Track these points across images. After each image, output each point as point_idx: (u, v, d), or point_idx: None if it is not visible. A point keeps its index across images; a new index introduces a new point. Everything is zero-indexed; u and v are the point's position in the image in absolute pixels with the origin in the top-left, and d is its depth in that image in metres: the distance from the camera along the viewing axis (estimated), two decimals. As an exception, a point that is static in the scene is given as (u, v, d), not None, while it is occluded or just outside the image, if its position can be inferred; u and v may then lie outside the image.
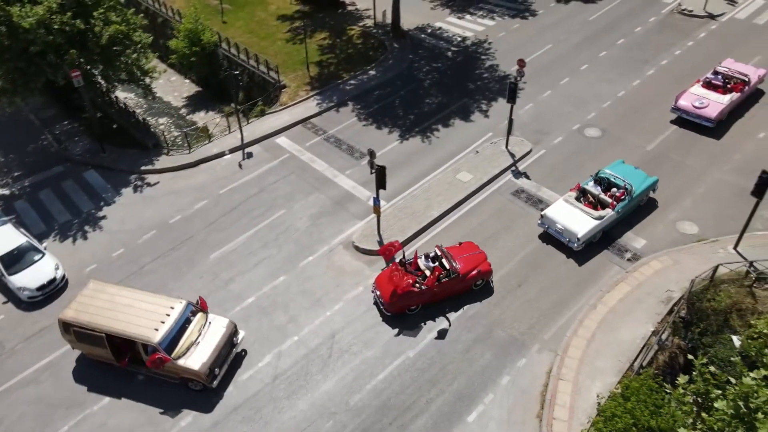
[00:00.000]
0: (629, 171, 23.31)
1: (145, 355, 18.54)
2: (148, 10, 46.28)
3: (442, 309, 20.78)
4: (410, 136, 29.59)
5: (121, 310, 19.06)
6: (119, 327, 18.64)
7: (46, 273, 22.75)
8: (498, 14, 39.54)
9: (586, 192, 22.81)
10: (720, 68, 28.42)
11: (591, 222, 21.58)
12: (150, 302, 19.43)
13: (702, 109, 26.78)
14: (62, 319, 19.25)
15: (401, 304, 20.15)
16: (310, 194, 26.67)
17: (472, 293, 21.12)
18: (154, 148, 30.88)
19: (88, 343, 19.25)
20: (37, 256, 23.23)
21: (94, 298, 19.62)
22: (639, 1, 38.70)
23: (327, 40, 38.78)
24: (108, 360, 19.45)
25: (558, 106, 30.24)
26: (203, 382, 18.51)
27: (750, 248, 21.05)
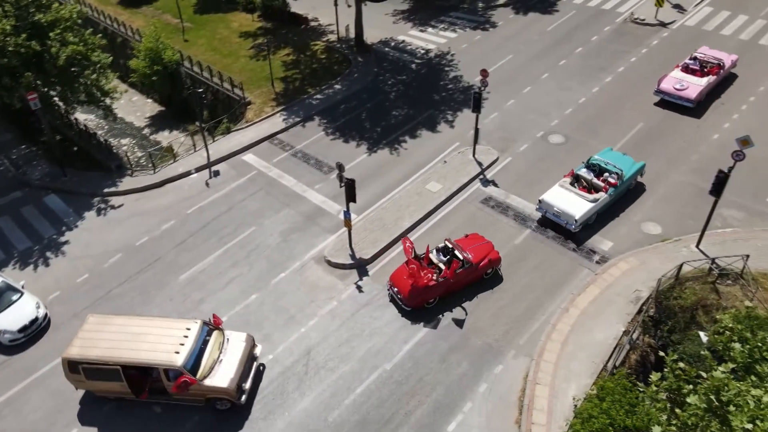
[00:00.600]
0: (617, 157, 24.64)
1: (167, 382, 17.80)
2: (106, 30, 45.58)
3: (420, 317, 20.81)
4: (378, 148, 29.70)
5: (134, 339, 18.14)
6: (136, 356, 17.72)
7: (27, 313, 21.35)
8: (459, 27, 40.22)
9: (580, 177, 24.01)
10: (697, 54, 30.56)
11: (586, 205, 22.71)
12: (163, 327, 18.69)
13: (683, 91, 28.85)
14: (67, 358, 17.96)
15: (421, 298, 20.55)
16: (280, 210, 26.45)
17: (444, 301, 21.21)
18: (117, 170, 30.23)
19: (100, 379, 18.05)
20: (15, 296, 21.84)
21: (98, 332, 18.57)
22: (594, 12, 39.93)
23: (291, 55, 38.77)
24: (124, 394, 18.47)
25: (522, 114, 30.82)
26: (232, 400, 18.02)
27: (711, 245, 21.72)
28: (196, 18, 45.53)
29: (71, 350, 18.14)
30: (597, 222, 23.69)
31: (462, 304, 21.20)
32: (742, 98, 29.97)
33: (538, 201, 23.69)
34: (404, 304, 20.89)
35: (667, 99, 29.54)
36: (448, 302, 21.22)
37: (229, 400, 18.05)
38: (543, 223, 23.98)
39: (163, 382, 17.94)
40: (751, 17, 36.77)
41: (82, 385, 18.70)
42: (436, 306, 21.08)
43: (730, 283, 19.56)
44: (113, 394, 18.67)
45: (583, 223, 22.83)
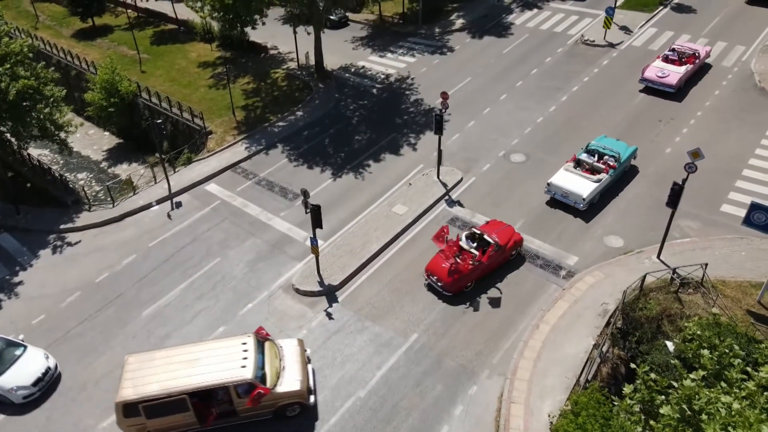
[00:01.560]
0: (612, 142, 26.94)
1: (238, 399, 17.40)
2: (60, 63, 44.61)
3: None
4: (343, 173, 29.67)
5: (191, 366, 17.52)
6: (202, 380, 17.12)
7: (37, 364, 20.01)
8: (418, 51, 40.93)
9: (581, 162, 26.08)
10: (674, 46, 34.35)
11: (592, 185, 24.88)
12: (217, 348, 18.26)
13: (664, 78, 32.35)
14: (123, 401, 16.88)
15: (461, 283, 21.63)
16: (246, 240, 26.01)
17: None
18: (74, 205, 29.26)
19: (163, 414, 17.16)
20: (18, 350, 20.42)
21: (146, 369, 17.65)
22: (546, 35, 41.27)
23: (251, 84, 38.66)
24: (187, 427, 17.69)
25: (483, 134, 31.38)
26: (303, 401, 18.08)
27: (671, 256, 22.33)
28: (153, 49, 45.04)
29: (125, 392, 17.07)
30: (562, 238, 24.13)
31: (495, 285, 22.44)
32: (690, 113, 31.27)
33: (547, 184, 25.69)
34: (445, 290, 21.81)
35: (651, 86, 32.96)
36: (483, 285, 22.38)
37: (300, 403, 18.04)
38: (552, 204, 25.81)
39: (232, 402, 17.52)
40: (693, 37, 38.62)
41: (140, 428, 17.47)
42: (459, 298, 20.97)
43: (691, 292, 20.07)
44: (177, 429, 17.74)
45: (590, 202, 24.86)
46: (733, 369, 11.57)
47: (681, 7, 42.90)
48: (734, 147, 28.33)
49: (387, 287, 22.90)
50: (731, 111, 31.15)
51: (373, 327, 21.38)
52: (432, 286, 22.38)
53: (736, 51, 36.49)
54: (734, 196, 25.35)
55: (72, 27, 50.71)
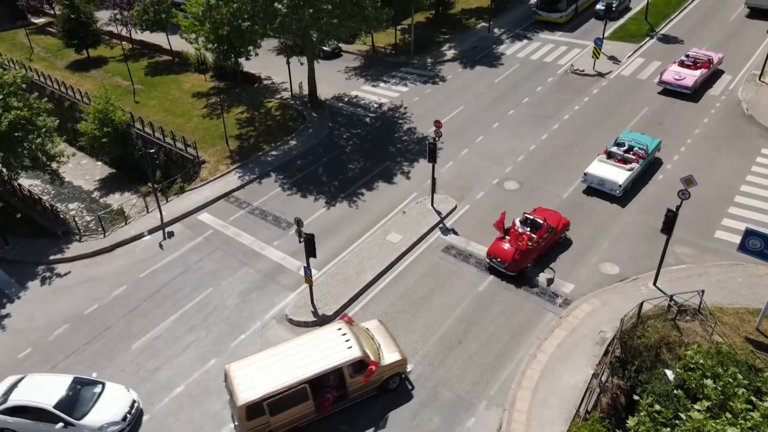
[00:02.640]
0: (637, 136, 29.43)
1: (351, 380, 18.31)
2: (53, 94, 44.74)
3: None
4: (336, 201, 29.58)
5: (298, 359, 18.15)
6: (317, 368, 17.87)
7: (122, 399, 19.38)
8: (410, 81, 41.38)
9: (612, 153, 28.38)
10: (689, 53, 37.22)
11: (625, 173, 27.12)
12: (316, 338, 19.05)
13: (681, 81, 35.18)
14: (247, 403, 17.12)
15: (523, 263, 23.21)
16: (238, 269, 25.69)
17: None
18: (64, 236, 28.91)
19: (286, 408, 17.67)
20: (97, 388, 19.60)
21: (253, 372, 17.95)
22: (536, 64, 41.90)
23: (245, 113, 38.82)
24: (307, 417, 18.28)
25: (476, 162, 31.49)
26: (403, 371, 19.49)
27: (668, 283, 22.23)
28: (148, 80, 45.30)
29: (245, 395, 17.27)
30: (558, 265, 24.01)
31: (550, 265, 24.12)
32: (680, 141, 31.59)
33: (584, 174, 27.98)
34: (508, 270, 23.36)
35: (668, 88, 35.81)
36: (539, 264, 24.09)
37: (399, 374, 19.34)
38: (588, 192, 27.95)
39: (345, 383, 18.34)
40: (680, 66, 39.32)
41: (263, 428, 17.70)
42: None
43: (689, 319, 19.91)
44: (296, 422, 18.20)
45: (624, 188, 26.95)
46: (737, 399, 11.33)
47: (667, 37, 43.81)
48: (725, 174, 28.55)
49: (382, 317, 22.53)
50: (720, 138, 31.52)
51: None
52: (494, 268, 23.86)
53: (723, 80, 37.15)
54: (727, 223, 25.42)
55: (67, 59, 51.02)
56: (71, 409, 18.82)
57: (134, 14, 46.12)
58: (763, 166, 28.97)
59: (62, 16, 48.25)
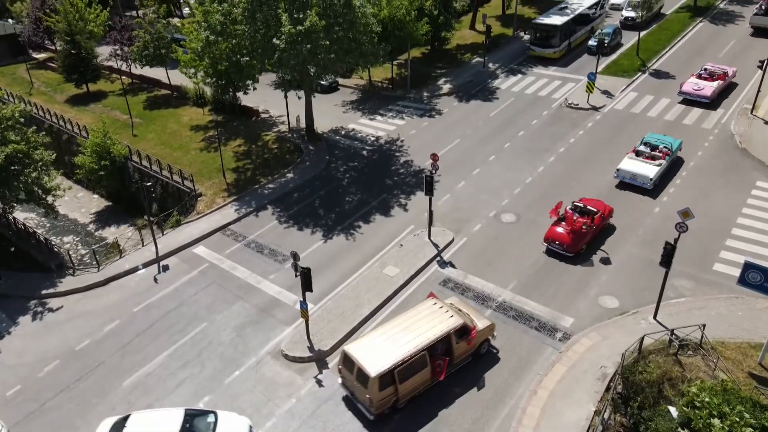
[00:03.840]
0: (660, 137, 32.43)
1: (457, 345, 20.05)
2: (52, 128, 44.98)
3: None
4: (333, 234, 29.46)
5: (411, 331, 19.79)
6: (431, 335, 19.60)
7: (239, 426, 18.92)
8: (407, 114, 41.78)
9: (641, 152, 31.28)
10: (706, 66, 40.51)
11: (655, 168, 30.06)
12: (417, 313, 20.75)
13: (700, 91, 38.30)
14: (380, 374, 18.44)
15: (579, 244, 25.72)
16: (234, 303, 25.38)
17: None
18: (57, 270, 28.63)
19: (411, 375, 19.10)
20: (210, 417, 18.96)
21: (374, 347, 19.35)
22: (531, 98, 42.44)
23: (242, 146, 39.01)
24: (424, 384, 19.73)
25: (473, 195, 31.54)
26: (492, 336, 21.47)
27: (668, 316, 22.01)
28: (146, 113, 45.64)
29: (375, 368, 18.56)
30: (557, 298, 23.80)
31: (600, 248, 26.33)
32: (676, 173, 31.76)
33: (616, 169, 30.84)
34: (567, 251, 25.72)
35: (688, 98, 38.83)
36: (591, 248, 26.43)
37: (488, 339, 21.30)
38: (620, 187, 30.61)
39: (451, 348, 20.01)
40: (672, 100, 39.86)
41: (391, 398, 18.95)
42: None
43: (691, 354, 19.63)
44: (417, 389, 19.60)
45: (654, 182, 29.76)
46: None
47: (659, 73, 44.55)
48: (721, 206, 28.62)
49: (379, 352, 22.19)
50: (715, 171, 31.72)
51: (365, 395, 20.51)
52: (552, 250, 26.26)
53: (715, 114, 37.61)
54: (726, 255, 25.35)
55: (66, 93, 51.49)
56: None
57: (134, 50, 46.78)
58: (758, 198, 29.08)
59: (63, 51, 48.90)
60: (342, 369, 19.84)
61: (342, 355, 19.70)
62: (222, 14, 32.61)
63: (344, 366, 19.66)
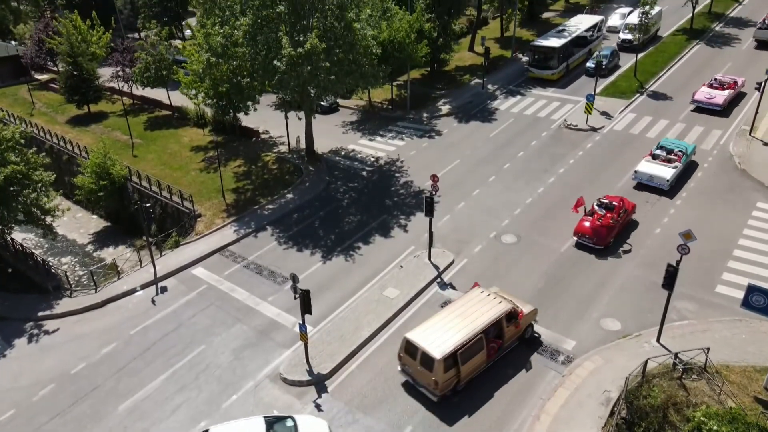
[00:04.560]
0: (675, 141, 34.39)
1: (507, 328, 21.34)
2: (52, 148, 45.09)
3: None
4: (333, 256, 29.29)
5: (468, 315, 21.03)
6: (486, 319, 20.83)
7: (318, 427, 19.35)
8: (407, 135, 41.93)
9: (657, 155, 33.04)
10: (716, 77, 42.58)
11: (671, 170, 31.73)
12: (467, 301, 21.91)
13: (712, 99, 40.37)
14: (444, 356, 19.49)
15: (608, 237, 27.33)
16: (232, 326, 25.12)
17: (412, 417, 20.02)
18: (54, 291, 28.39)
19: (470, 357, 20.26)
20: (289, 422, 19.25)
21: (433, 333, 20.39)
22: (530, 119, 42.63)
23: (242, 167, 39.05)
24: (480, 366, 20.91)
25: (473, 215, 31.46)
26: (535, 321, 23.02)
27: (671, 339, 21.77)
28: (147, 134, 45.80)
29: (440, 350, 19.64)
30: (558, 320, 23.57)
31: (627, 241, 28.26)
32: (675, 194, 31.73)
33: (634, 172, 32.52)
34: (597, 244, 27.37)
35: (701, 106, 40.82)
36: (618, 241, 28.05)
37: (531, 324, 22.66)
38: (638, 188, 32.18)
39: (502, 332, 21.26)
40: (671, 121, 40.07)
41: (452, 380, 20.08)
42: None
43: (695, 378, 19.33)
44: (475, 371, 20.79)
45: (671, 183, 31.44)
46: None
47: (657, 94, 44.83)
48: (722, 228, 28.53)
49: (379, 376, 21.92)
50: (715, 192, 31.70)
51: (364, 419, 20.21)
52: (582, 244, 27.76)
53: (713, 135, 37.74)
54: (728, 277, 25.18)
55: (67, 113, 51.74)
56: None
57: (136, 71, 47.12)
58: (759, 219, 29.01)
59: (65, 72, 49.26)
60: (403, 356, 20.87)
61: (403, 342, 20.73)
62: (223, 36, 32.89)
63: (405, 353, 20.69)
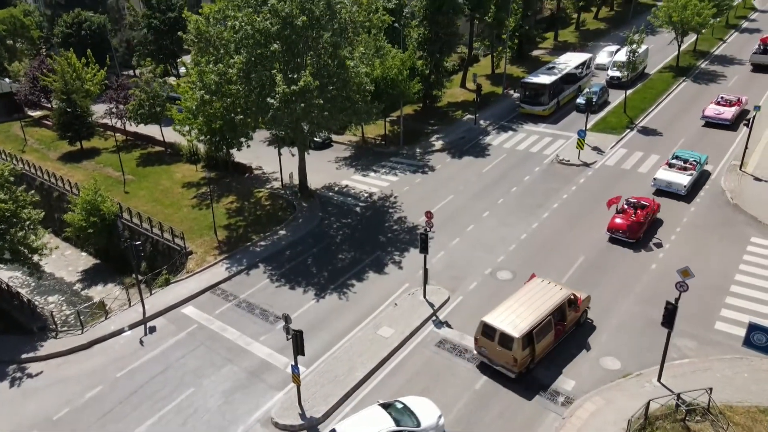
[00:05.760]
0: (688, 152, 37.42)
1: (568, 312, 23.53)
2: (43, 185, 44.72)
3: None
4: (326, 293, 28.80)
5: (535, 300, 23.20)
6: (551, 303, 23.01)
7: (425, 404, 20.70)
8: (400, 170, 41.96)
9: (673, 164, 35.94)
10: (722, 95, 46.47)
11: (687, 177, 34.65)
12: (530, 289, 24.07)
13: (721, 115, 44.30)
14: (522, 334, 21.49)
15: (639, 232, 30.34)
16: (222, 367, 24.41)
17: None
18: (39, 332, 27.63)
19: (542, 336, 22.34)
20: (398, 404, 20.52)
21: (508, 316, 22.45)
22: (523, 155, 42.87)
23: (235, 203, 38.77)
24: (548, 347, 22.97)
25: (468, 251, 31.18)
26: (588, 309, 25.19)
27: (672, 379, 21.31)
28: (139, 170, 45.61)
29: (515, 331, 21.64)
30: (557, 359, 23.07)
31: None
32: (670, 229, 31.70)
33: (653, 179, 35.45)
34: (629, 237, 30.17)
35: (711, 122, 44.62)
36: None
37: (585, 311, 24.85)
38: (657, 194, 34.69)
39: (565, 315, 23.43)
40: (662, 156, 40.33)
41: (528, 357, 22.06)
42: None
43: (699, 420, 18.87)
44: (546, 350, 22.88)
45: (687, 189, 34.28)
46: None
47: (646, 129, 45.37)
48: (718, 263, 28.38)
49: (374, 419, 21.18)
50: (709, 227, 31.68)
51: (359, 466, 19.41)
52: (615, 238, 30.56)
53: (705, 170, 37.98)
54: (726, 314, 24.90)
55: (60, 150, 51.60)
56: (409, 423, 19.68)
57: (130, 108, 47.24)
58: (754, 255, 28.92)
59: (58, 109, 49.32)
60: (480, 338, 22.74)
61: (480, 325, 22.62)
62: (217, 74, 33.05)
63: (483, 336, 22.57)
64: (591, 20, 79.63)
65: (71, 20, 65.50)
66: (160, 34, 64.56)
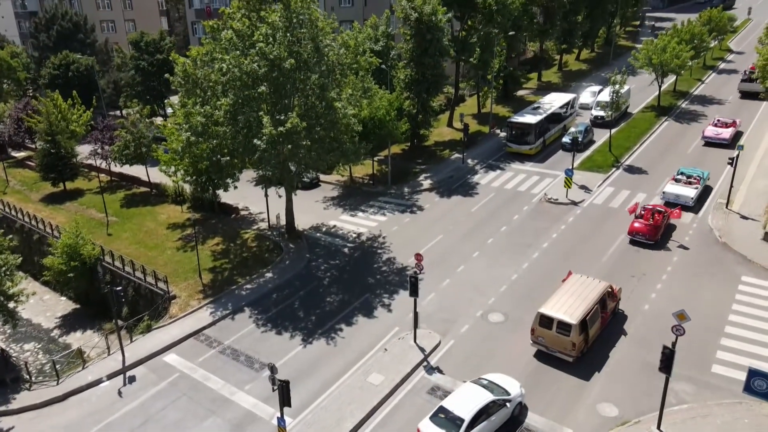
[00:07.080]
0: (692, 169, 40.82)
1: (608, 302, 26.11)
2: (23, 227, 43.73)
3: None
4: (313, 338, 27.96)
5: (579, 293, 25.41)
6: (596, 294, 25.37)
7: (506, 379, 23.07)
8: (388, 210, 41.65)
9: (679, 179, 39.49)
10: (719, 118, 50.39)
11: (693, 190, 38.08)
12: (571, 285, 26.32)
13: (720, 135, 48.18)
14: (579, 320, 23.69)
15: (657, 234, 33.45)
16: (205, 419, 23.33)
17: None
18: (12, 384, 26.33)
19: (593, 323, 24.79)
20: (483, 381, 22.83)
21: (560, 305, 24.69)
22: (511, 194, 42.87)
23: (220, 245, 38.06)
24: (597, 333, 25.34)
25: (459, 293, 30.63)
26: (620, 299, 27.82)
27: (672, 426, 20.67)
28: (123, 212, 44.83)
29: (572, 318, 23.81)
30: (553, 405, 22.31)
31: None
32: (661, 268, 31.49)
33: (662, 192, 38.88)
34: (649, 239, 33.40)
35: (710, 141, 48.45)
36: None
37: (618, 302, 27.44)
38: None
39: (606, 305, 25.83)
40: (649, 194, 40.57)
41: (583, 342, 24.35)
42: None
43: (703, 470, 18.15)
44: (594, 336, 25.19)
45: (694, 201, 37.60)
46: None
47: (632, 168, 45.78)
48: (711, 303, 28.07)
49: (364, 474, 20.23)
50: (700, 266, 31.52)
51: None
52: (636, 241, 33.75)
53: (690, 210, 38.10)
54: (723, 356, 24.45)
55: (42, 191, 50.73)
56: (500, 393, 21.85)
57: (115, 149, 46.78)
58: (746, 294, 28.69)
59: (42, 150, 48.72)
60: (537, 329, 24.68)
61: (537, 316, 24.62)
62: (204, 116, 32.88)
63: (539, 326, 24.54)
64: (573, 61, 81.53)
65: (59, 62, 65.60)
66: (147, 76, 64.77)
